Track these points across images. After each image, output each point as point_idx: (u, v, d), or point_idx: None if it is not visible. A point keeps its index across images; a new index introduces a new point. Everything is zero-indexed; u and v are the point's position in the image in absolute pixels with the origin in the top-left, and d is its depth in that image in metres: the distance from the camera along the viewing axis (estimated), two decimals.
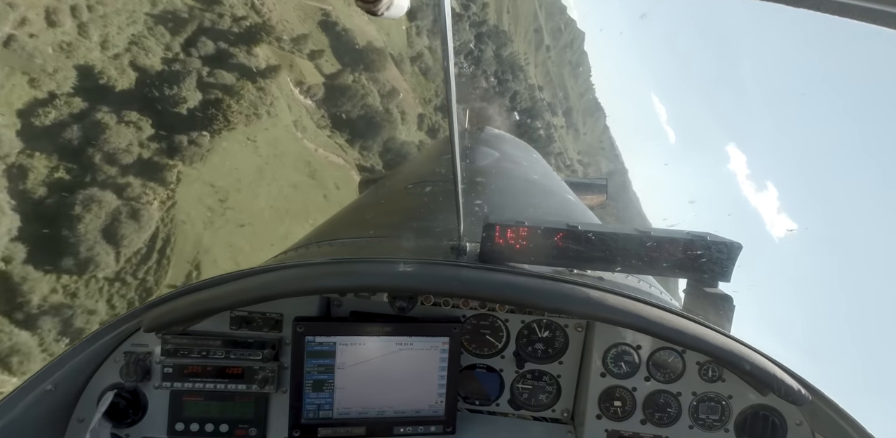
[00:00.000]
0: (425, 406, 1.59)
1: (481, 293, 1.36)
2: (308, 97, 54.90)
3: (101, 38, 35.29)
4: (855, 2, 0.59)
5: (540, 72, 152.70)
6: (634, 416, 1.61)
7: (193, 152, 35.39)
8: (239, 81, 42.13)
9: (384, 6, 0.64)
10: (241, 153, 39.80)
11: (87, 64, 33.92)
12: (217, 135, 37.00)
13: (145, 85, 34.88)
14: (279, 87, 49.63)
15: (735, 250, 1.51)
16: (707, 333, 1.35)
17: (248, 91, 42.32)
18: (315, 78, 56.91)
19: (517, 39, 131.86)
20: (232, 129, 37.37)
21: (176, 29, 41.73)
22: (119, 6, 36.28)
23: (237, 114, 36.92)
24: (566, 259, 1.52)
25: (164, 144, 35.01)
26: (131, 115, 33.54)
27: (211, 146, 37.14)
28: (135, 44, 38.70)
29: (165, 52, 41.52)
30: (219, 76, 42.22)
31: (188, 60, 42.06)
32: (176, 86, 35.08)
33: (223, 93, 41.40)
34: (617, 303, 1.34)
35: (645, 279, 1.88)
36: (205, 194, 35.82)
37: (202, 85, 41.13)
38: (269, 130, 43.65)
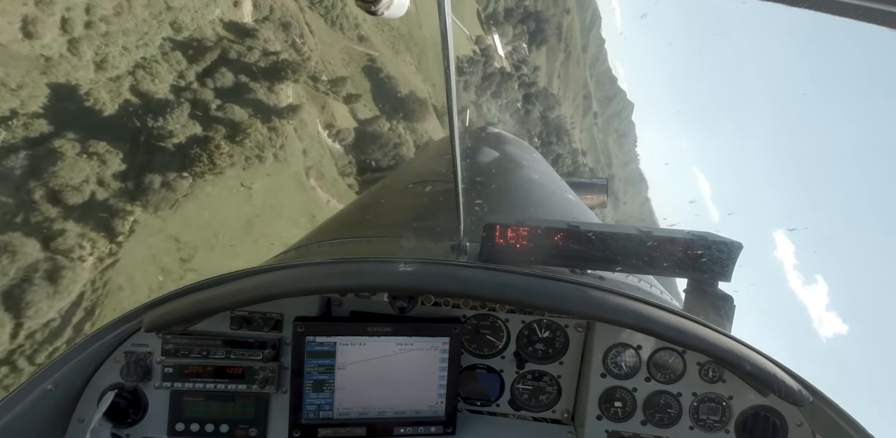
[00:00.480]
0: (425, 406, 1.59)
1: (482, 292, 1.36)
2: (336, 141, 50.19)
3: (99, 58, 30.30)
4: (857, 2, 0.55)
5: (585, 137, 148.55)
6: (635, 417, 1.60)
7: (163, 197, 28.27)
8: (249, 119, 36.36)
9: (384, 6, 0.65)
10: (229, 202, 32.54)
11: (69, 83, 28.56)
12: (200, 178, 30.05)
13: (131, 112, 28.85)
14: (303, 127, 44.33)
15: (735, 249, 1.52)
16: (707, 333, 1.35)
17: (257, 130, 36.29)
18: (347, 122, 52.21)
19: (565, 103, 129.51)
20: (218, 173, 30.44)
21: (195, 57, 37.15)
22: (129, 27, 31.65)
23: (225, 156, 30.16)
24: (566, 259, 1.52)
25: (131, 184, 28.25)
26: (99, 145, 27.21)
27: (190, 191, 30.14)
28: (142, 67, 33.85)
29: (177, 80, 36.67)
30: (229, 111, 36.68)
31: (200, 90, 36.98)
32: (164, 116, 28.92)
33: (228, 129, 35.49)
34: (617, 303, 1.35)
35: (645, 279, 1.92)
36: (163, 250, 28.03)
37: (207, 119, 35.49)
38: (273, 177, 36.93)
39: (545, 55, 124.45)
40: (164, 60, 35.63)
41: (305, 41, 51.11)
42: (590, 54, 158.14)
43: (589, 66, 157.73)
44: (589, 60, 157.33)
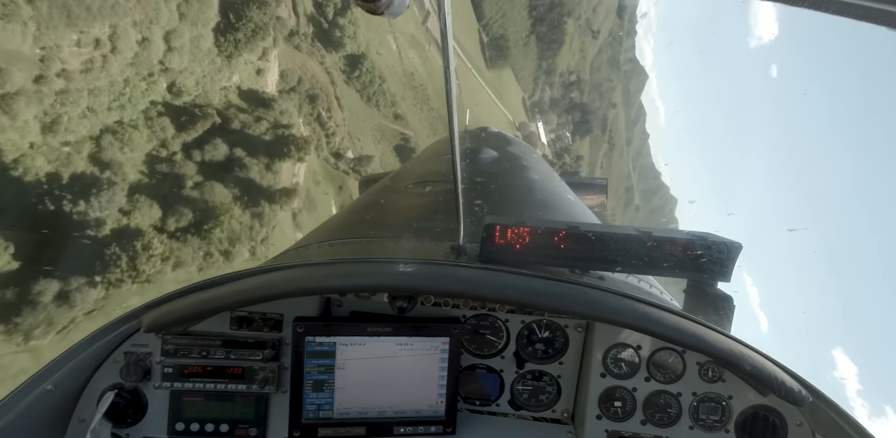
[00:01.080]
0: (425, 406, 1.59)
1: (481, 293, 1.38)
2: None
3: (49, 119, 23.74)
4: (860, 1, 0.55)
5: None
6: (635, 416, 1.60)
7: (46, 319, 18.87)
8: (228, 203, 28.40)
9: (384, 5, 0.66)
10: None
11: None
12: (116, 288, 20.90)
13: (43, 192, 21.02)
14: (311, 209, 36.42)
15: (735, 250, 1.53)
16: (707, 333, 1.36)
17: (234, 217, 28.04)
18: None
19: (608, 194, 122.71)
20: (145, 282, 21.30)
21: (187, 124, 30.85)
22: (101, 85, 25.55)
23: (155, 259, 21.23)
24: (566, 259, 1.54)
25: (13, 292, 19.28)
26: None
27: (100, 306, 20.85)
28: (112, 133, 27.35)
29: (158, 149, 29.98)
30: (207, 190, 29.03)
31: (181, 163, 29.90)
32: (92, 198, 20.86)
33: (197, 214, 27.34)
34: (617, 303, 1.36)
35: (645, 279, 1.91)
36: None
37: (175, 199, 27.71)
38: None
39: (588, 145, 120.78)
40: (147, 125, 29.32)
41: (332, 115, 45.77)
42: (633, 147, 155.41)
43: (632, 158, 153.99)
44: (632, 152, 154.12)
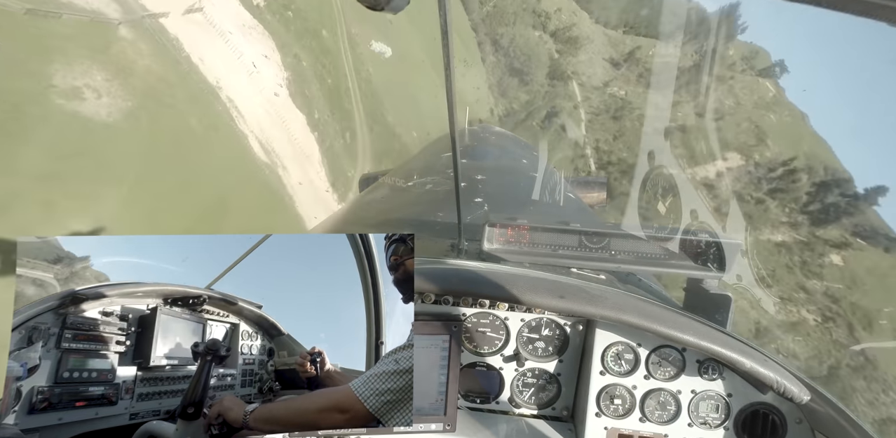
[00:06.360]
0: (425, 404, 1.61)
1: (481, 290, 1.39)
2: None
3: None
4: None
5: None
6: (634, 414, 1.62)
7: None
8: None
9: (384, 0, 0.68)
10: None
11: None
12: None
13: None
14: None
15: (733, 246, 1.57)
16: (706, 331, 1.38)
17: None
18: None
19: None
20: None
21: None
22: None
23: None
24: (566, 257, 1.55)
25: None
26: None
27: None
28: None
29: None
30: None
31: None
32: None
33: None
34: (616, 301, 1.37)
35: (644, 277, 1.95)
36: None
37: None
38: None
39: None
40: None
41: None
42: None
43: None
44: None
